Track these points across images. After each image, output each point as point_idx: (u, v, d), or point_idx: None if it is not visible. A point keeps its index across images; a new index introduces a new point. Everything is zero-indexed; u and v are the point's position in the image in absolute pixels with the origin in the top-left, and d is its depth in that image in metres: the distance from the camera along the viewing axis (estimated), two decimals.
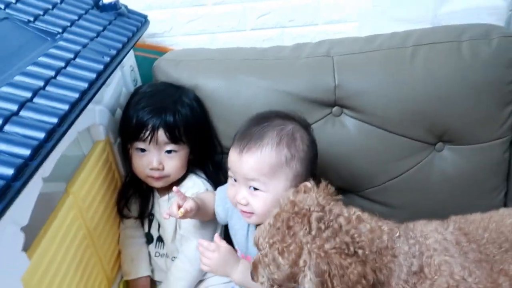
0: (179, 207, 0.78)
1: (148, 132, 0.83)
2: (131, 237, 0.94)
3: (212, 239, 0.88)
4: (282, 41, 1.19)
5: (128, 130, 0.87)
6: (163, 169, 0.86)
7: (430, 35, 0.94)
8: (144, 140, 0.84)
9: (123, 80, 0.97)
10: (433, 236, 0.65)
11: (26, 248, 0.60)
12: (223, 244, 0.74)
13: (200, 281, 0.90)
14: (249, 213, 0.75)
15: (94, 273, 0.80)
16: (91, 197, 0.80)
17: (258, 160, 0.72)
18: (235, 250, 0.80)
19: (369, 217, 0.62)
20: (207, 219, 0.87)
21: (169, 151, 0.86)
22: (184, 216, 0.77)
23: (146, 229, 0.95)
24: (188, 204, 0.78)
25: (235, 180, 0.75)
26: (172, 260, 0.92)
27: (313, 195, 0.63)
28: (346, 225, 0.58)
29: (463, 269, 0.61)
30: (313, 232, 0.57)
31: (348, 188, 1.00)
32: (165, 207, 0.91)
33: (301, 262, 0.56)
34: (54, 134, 0.60)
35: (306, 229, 0.57)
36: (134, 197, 0.94)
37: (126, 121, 0.88)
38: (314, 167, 0.78)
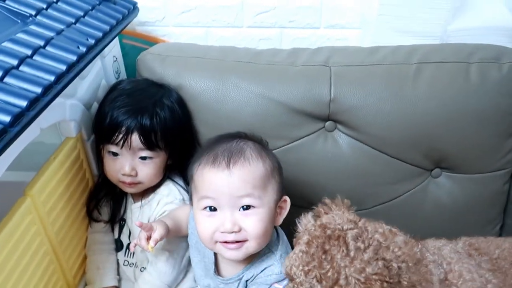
0: (148, 238, 0.70)
1: (121, 136, 0.76)
2: (99, 242, 0.87)
3: (184, 253, 0.83)
4: (280, 42, 1.12)
5: (100, 129, 0.80)
6: (136, 175, 0.80)
7: (437, 52, 0.87)
8: (116, 144, 0.77)
9: (103, 71, 0.90)
10: (445, 248, 0.66)
11: None
12: None
13: None
14: (241, 242, 0.66)
15: (53, 281, 0.74)
16: (54, 199, 0.74)
17: (249, 172, 0.65)
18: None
19: (397, 229, 0.58)
20: (180, 235, 0.80)
21: (143, 157, 0.79)
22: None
23: (116, 235, 0.89)
24: (157, 234, 0.71)
25: (212, 209, 0.67)
26: (141, 271, 0.85)
27: (339, 213, 0.59)
28: (385, 241, 0.54)
29: (480, 277, 0.61)
30: (352, 254, 0.52)
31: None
32: (137, 214, 0.85)
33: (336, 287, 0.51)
34: (5, 135, 0.53)
35: (343, 250, 0.53)
36: (105, 200, 0.87)
37: (99, 118, 0.81)
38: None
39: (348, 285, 0.51)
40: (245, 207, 0.65)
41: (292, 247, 0.66)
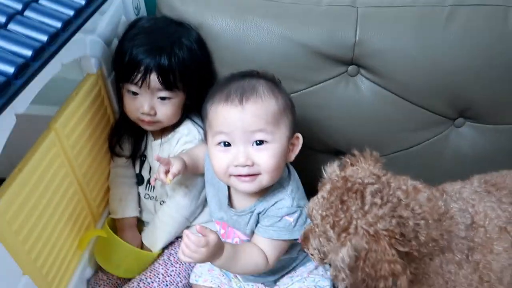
0: (166, 172, 0.73)
1: (140, 75, 0.76)
2: (121, 176, 0.91)
3: (201, 189, 0.86)
4: None
5: (120, 67, 0.80)
6: (154, 114, 0.81)
7: None
8: (135, 83, 0.78)
9: (123, 7, 0.88)
10: (465, 191, 0.65)
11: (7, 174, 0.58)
12: (212, 236, 0.63)
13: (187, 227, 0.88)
14: (254, 175, 0.67)
15: (78, 210, 0.79)
16: (77, 134, 0.76)
17: (261, 109, 0.67)
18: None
19: (422, 185, 0.59)
20: (198, 173, 0.83)
21: (162, 98, 0.80)
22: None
23: (137, 170, 0.92)
24: (175, 168, 0.73)
25: (226, 145, 0.68)
26: (161, 204, 0.89)
27: (365, 166, 0.60)
28: (406, 199, 0.55)
29: (504, 212, 0.62)
30: (366, 207, 0.53)
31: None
32: (157, 151, 0.87)
33: (344, 234, 0.54)
34: (27, 69, 0.54)
35: (358, 204, 0.54)
36: (127, 136, 0.89)
37: (118, 56, 0.80)
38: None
39: (357, 235, 0.52)
40: (258, 142, 0.67)
41: (312, 190, 0.67)
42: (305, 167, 0.96)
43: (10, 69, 0.51)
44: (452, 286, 0.59)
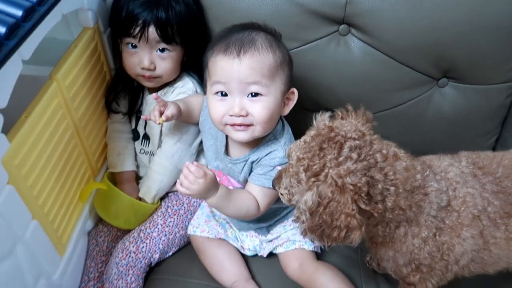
0: (161, 113, 0.76)
1: (138, 29, 0.78)
2: (118, 131, 0.93)
3: (193, 140, 0.89)
4: None
5: (117, 22, 0.81)
6: (154, 69, 0.82)
7: None
8: (134, 37, 0.79)
9: None
10: (451, 170, 0.66)
11: (7, 131, 0.60)
12: (209, 172, 0.68)
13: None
14: (248, 125, 0.71)
15: (79, 163, 0.81)
16: (76, 87, 0.78)
17: (257, 61, 0.69)
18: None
19: (405, 154, 0.60)
20: (191, 122, 0.86)
21: (161, 50, 0.81)
22: (167, 121, 0.77)
23: (133, 126, 0.94)
24: (169, 111, 0.76)
25: (223, 95, 0.71)
26: None
27: (353, 121, 0.61)
28: (382, 162, 0.57)
29: (483, 200, 0.63)
30: (340, 159, 0.55)
31: None
32: (153, 105, 0.89)
33: (313, 178, 0.56)
34: (33, 14, 0.55)
35: (334, 154, 0.55)
36: (123, 93, 0.91)
37: (115, 11, 0.81)
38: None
39: (325, 182, 0.54)
40: (253, 94, 0.70)
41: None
42: (295, 125, 1.01)
43: (18, 12, 0.53)
44: (415, 258, 0.63)
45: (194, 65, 0.87)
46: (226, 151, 0.80)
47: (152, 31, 0.78)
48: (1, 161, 0.56)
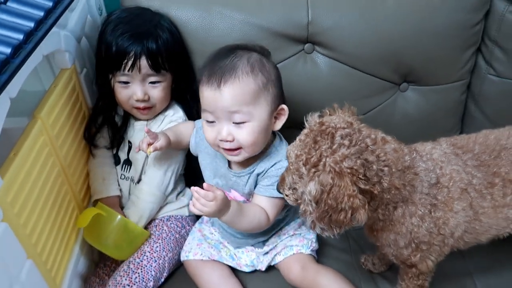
0: (149, 144, 0.79)
1: (130, 62, 0.80)
2: (102, 156, 0.93)
3: (179, 168, 0.91)
4: None
5: (108, 59, 0.83)
6: (148, 99, 0.85)
7: None
8: (127, 71, 0.81)
9: (87, 6, 0.92)
10: (435, 152, 0.71)
11: None
12: (219, 192, 0.69)
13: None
14: (236, 149, 0.74)
15: (66, 201, 0.80)
16: (59, 125, 0.78)
17: (238, 90, 0.71)
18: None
19: (392, 139, 0.65)
20: (180, 148, 0.88)
21: (153, 82, 0.84)
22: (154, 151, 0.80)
23: (114, 151, 0.95)
24: (159, 143, 0.80)
25: (212, 121, 0.74)
26: (136, 184, 0.92)
27: (340, 115, 0.66)
28: (372, 145, 0.61)
29: (467, 174, 0.69)
30: (334, 147, 0.59)
31: None
32: (141, 131, 0.90)
33: (313, 169, 0.59)
34: (20, 51, 0.57)
35: (328, 143, 0.60)
36: (104, 125, 0.91)
37: (104, 48, 0.84)
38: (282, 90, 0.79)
39: (324, 171, 0.58)
40: (236, 122, 0.73)
41: None
42: None
43: (7, 50, 0.54)
44: (415, 237, 0.67)
45: (181, 93, 0.91)
46: (229, 165, 0.82)
47: (143, 63, 0.81)
48: None
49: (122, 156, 0.93)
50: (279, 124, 0.78)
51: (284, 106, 0.78)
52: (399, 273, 0.78)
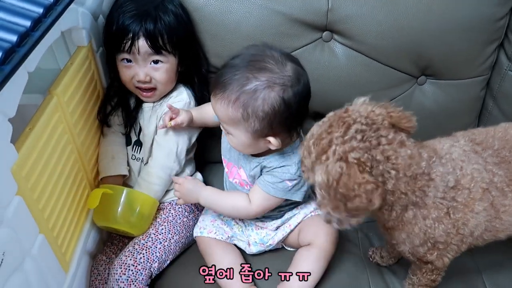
0: (171, 119, 0.81)
1: (129, 42, 0.80)
2: (113, 136, 0.93)
3: (182, 150, 0.91)
4: None
5: (110, 37, 0.83)
6: (150, 81, 0.85)
7: None
8: (126, 51, 0.81)
9: None
10: (454, 151, 0.68)
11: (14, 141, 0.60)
12: (187, 179, 0.84)
13: (167, 191, 0.93)
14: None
15: (78, 178, 0.80)
16: (74, 103, 0.78)
17: (219, 108, 0.71)
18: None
19: (412, 144, 0.62)
20: (208, 126, 0.91)
21: (155, 62, 0.84)
22: (176, 126, 0.84)
23: (126, 131, 0.94)
24: (180, 118, 0.84)
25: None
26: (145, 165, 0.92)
27: (369, 108, 0.62)
28: (386, 145, 0.59)
29: (488, 172, 0.67)
30: (346, 137, 0.59)
31: None
32: (149, 114, 0.91)
33: (324, 156, 0.59)
34: (40, 25, 0.57)
35: (341, 132, 0.59)
36: (118, 106, 0.92)
37: (108, 25, 0.84)
38: (293, 125, 0.74)
39: (333, 157, 0.58)
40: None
41: None
42: None
43: (27, 23, 0.54)
44: (430, 237, 0.66)
45: (190, 76, 0.90)
46: None
47: (142, 43, 0.81)
48: (10, 170, 0.56)
49: (133, 137, 0.94)
50: (275, 144, 0.73)
51: (271, 139, 0.72)
52: (411, 267, 0.77)
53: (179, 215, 0.91)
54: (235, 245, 0.88)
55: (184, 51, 0.86)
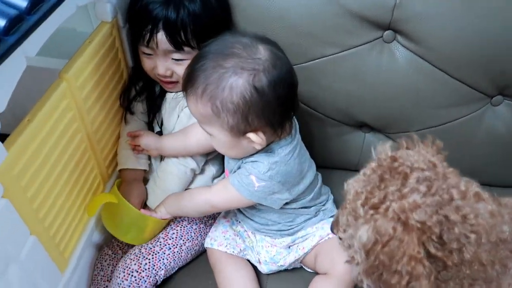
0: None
1: (148, 35, 0.71)
2: (136, 124, 0.85)
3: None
4: None
5: (131, 18, 0.75)
6: (171, 75, 0.76)
7: None
8: (145, 44, 0.72)
9: None
10: None
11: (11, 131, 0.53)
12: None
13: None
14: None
15: (88, 169, 0.74)
16: (90, 86, 0.70)
17: (191, 106, 0.65)
18: None
19: (490, 197, 0.49)
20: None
21: (176, 59, 0.74)
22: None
23: (150, 119, 0.87)
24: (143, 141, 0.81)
25: None
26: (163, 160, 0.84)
27: (422, 151, 0.52)
28: (460, 200, 0.46)
29: None
30: (405, 190, 0.46)
31: (377, 126, 0.89)
32: (170, 102, 0.82)
33: (370, 212, 0.47)
34: (41, 5, 0.47)
35: (397, 185, 0.47)
36: (143, 92, 0.83)
37: (130, 9, 0.75)
38: (275, 118, 0.63)
39: (385, 216, 0.46)
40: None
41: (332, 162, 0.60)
42: (326, 137, 0.92)
43: (23, 3, 0.45)
44: None
45: None
46: None
47: (161, 37, 0.71)
48: None
49: (156, 127, 0.85)
50: (257, 145, 0.64)
51: (251, 136, 0.63)
52: None
53: (195, 220, 0.83)
54: (248, 260, 0.80)
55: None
